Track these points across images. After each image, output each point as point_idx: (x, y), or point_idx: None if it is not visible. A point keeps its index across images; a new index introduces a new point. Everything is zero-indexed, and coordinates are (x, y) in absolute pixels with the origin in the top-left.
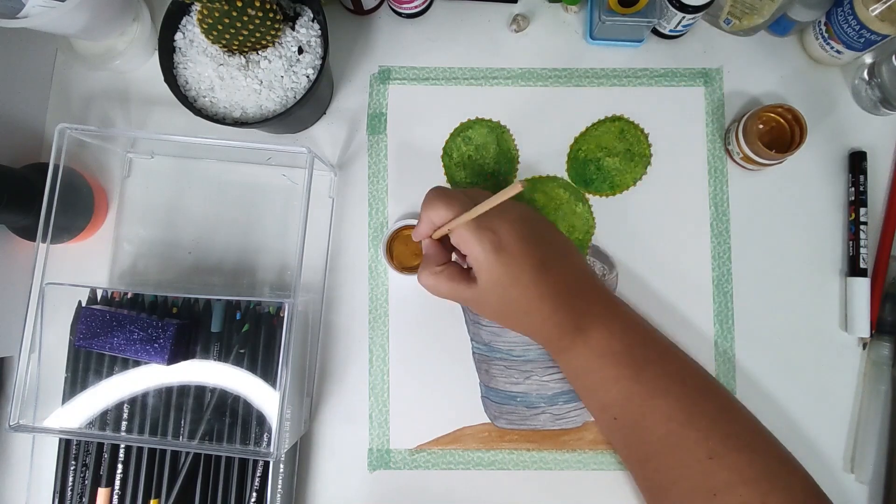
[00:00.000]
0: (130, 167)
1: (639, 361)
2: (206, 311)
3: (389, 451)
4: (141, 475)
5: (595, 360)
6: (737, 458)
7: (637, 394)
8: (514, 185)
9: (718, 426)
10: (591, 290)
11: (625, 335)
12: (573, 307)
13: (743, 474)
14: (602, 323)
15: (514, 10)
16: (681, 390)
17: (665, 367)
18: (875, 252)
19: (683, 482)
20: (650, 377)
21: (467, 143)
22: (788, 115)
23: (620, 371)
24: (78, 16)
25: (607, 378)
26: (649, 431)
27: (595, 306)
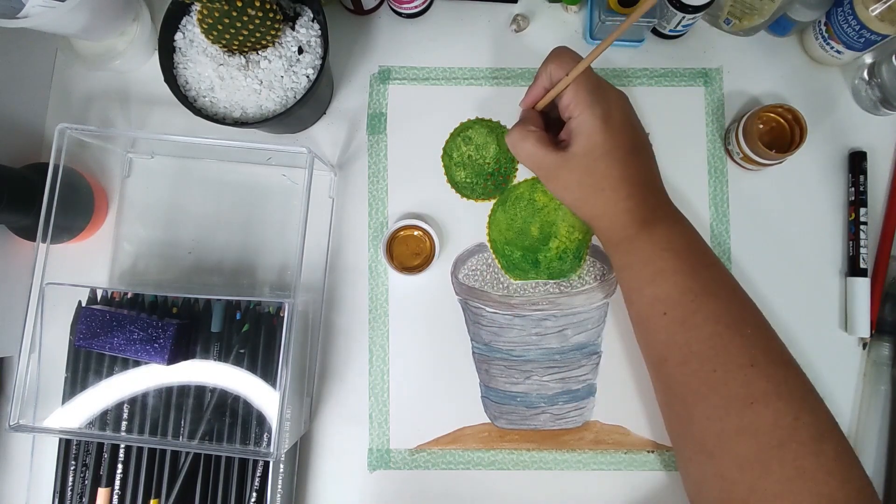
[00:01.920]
0: (130, 167)
1: (697, 262)
2: (206, 311)
3: (389, 451)
4: (141, 475)
5: (658, 251)
6: (776, 371)
7: (691, 290)
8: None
9: (761, 337)
10: (661, 192)
11: (687, 235)
12: (646, 199)
13: (780, 388)
14: (669, 221)
15: (514, 10)
16: (731, 296)
17: (719, 273)
18: (875, 252)
19: (723, 388)
20: (705, 277)
21: (467, 143)
22: (788, 115)
23: (680, 265)
24: (78, 16)
25: (665, 270)
26: (697, 329)
27: (664, 206)
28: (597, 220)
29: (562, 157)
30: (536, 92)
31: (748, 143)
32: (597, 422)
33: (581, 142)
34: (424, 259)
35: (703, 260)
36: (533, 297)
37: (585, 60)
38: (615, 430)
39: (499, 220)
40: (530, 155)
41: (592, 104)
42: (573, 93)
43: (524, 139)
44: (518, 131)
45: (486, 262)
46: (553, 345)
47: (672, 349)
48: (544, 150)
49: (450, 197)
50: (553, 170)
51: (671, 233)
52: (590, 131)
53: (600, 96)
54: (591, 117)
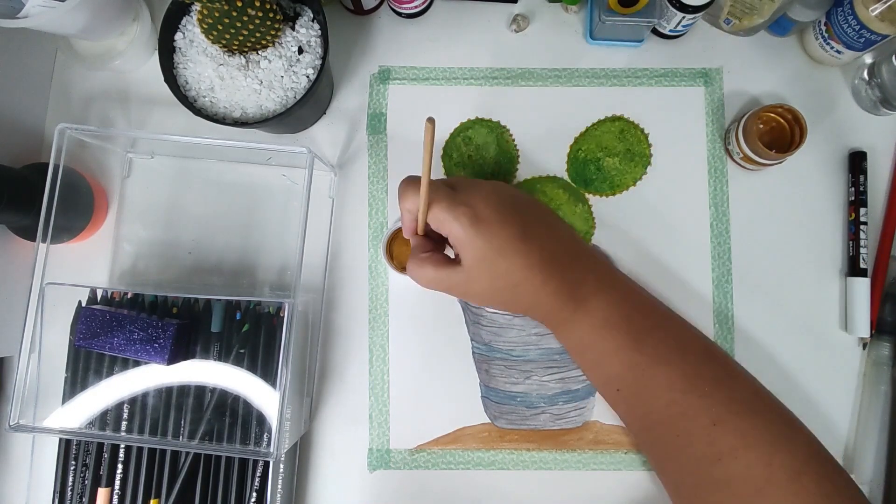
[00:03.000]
0: (130, 167)
1: (639, 331)
2: (206, 311)
3: (389, 451)
4: (141, 475)
5: (595, 332)
6: (740, 422)
7: (638, 364)
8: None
9: (721, 392)
10: (582, 259)
11: (623, 304)
12: (565, 276)
13: (747, 438)
14: (598, 293)
15: (514, 10)
16: (682, 357)
17: (665, 335)
18: (875, 252)
19: (688, 449)
20: (651, 346)
21: (467, 143)
22: (788, 115)
23: (621, 342)
24: (78, 16)
25: (608, 350)
26: (652, 401)
27: (589, 275)
28: (528, 312)
29: (461, 273)
30: (408, 225)
31: (748, 143)
32: (597, 422)
33: (466, 254)
34: None
35: (647, 324)
36: None
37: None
38: (615, 430)
39: None
40: (433, 280)
41: (456, 216)
42: (434, 214)
43: (421, 267)
44: (412, 263)
45: None
46: (553, 345)
47: (633, 419)
48: (445, 272)
49: None
50: (462, 286)
51: (606, 306)
52: (468, 242)
53: (459, 203)
54: (461, 227)
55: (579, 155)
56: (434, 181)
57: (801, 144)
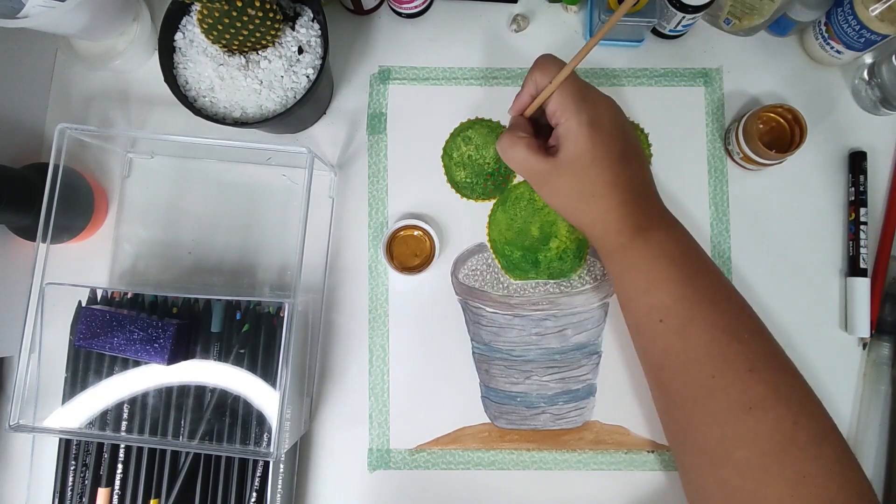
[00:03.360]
0: (130, 167)
1: (693, 269)
2: (206, 311)
3: (389, 451)
4: (141, 475)
5: (653, 259)
6: (774, 375)
7: (688, 297)
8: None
9: (759, 342)
10: (655, 198)
11: (681, 242)
12: (639, 205)
13: (779, 392)
14: (663, 227)
15: (514, 10)
16: (726, 301)
17: (715, 280)
18: (875, 252)
19: (720, 393)
20: (701, 284)
21: (467, 143)
22: (788, 115)
23: (675, 273)
24: (78, 16)
25: (661, 278)
26: (695, 337)
27: (657, 212)
28: (590, 227)
29: (552, 164)
30: (524, 99)
31: (748, 143)
32: (597, 422)
33: (569, 148)
34: (424, 259)
35: (699, 266)
36: (533, 297)
37: (568, 66)
38: (615, 430)
39: (499, 220)
40: (521, 161)
41: (578, 110)
42: (559, 99)
43: (514, 146)
44: (507, 138)
45: (486, 262)
46: (553, 345)
47: (670, 357)
48: (535, 157)
49: (450, 197)
50: (544, 176)
51: (666, 239)
52: (577, 137)
53: (587, 102)
54: (578, 123)
55: None
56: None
57: (801, 144)
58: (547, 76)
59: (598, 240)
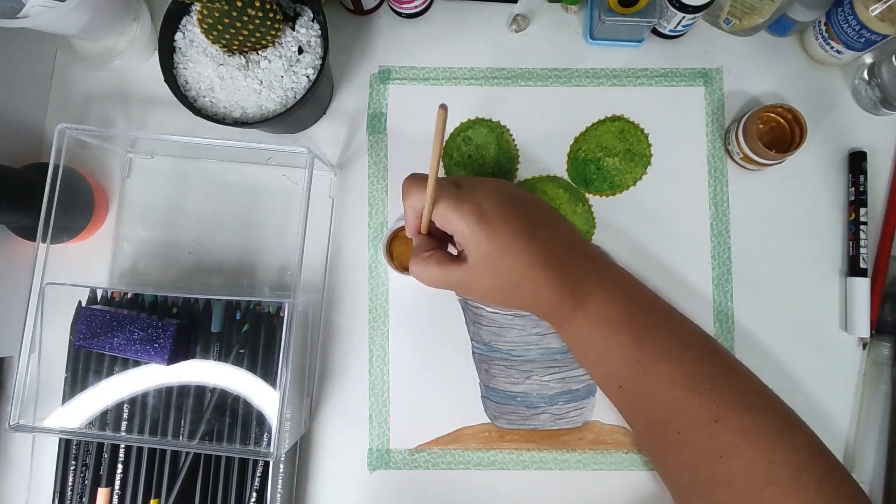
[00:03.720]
0: (130, 167)
1: (640, 328)
2: (206, 311)
3: (389, 451)
4: (141, 475)
5: (597, 329)
6: (741, 419)
7: (640, 361)
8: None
9: (722, 388)
10: (584, 257)
11: (624, 302)
12: (567, 275)
13: (748, 436)
14: (600, 290)
15: (514, 10)
16: (683, 354)
17: (666, 332)
18: (875, 252)
19: (689, 447)
20: (652, 343)
21: (467, 143)
22: (788, 115)
23: (622, 339)
24: (78, 16)
25: (610, 347)
26: (654, 397)
27: (591, 273)
28: (530, 309)
29: (465, 270)
30: (412, 223)
31: (748, 143)
32: (597, 422)
33: (472, 251)
34: None
35: (648, 322)
36: None
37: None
38: (615, 430)
39: None
40: (437, 279)
41: (461, 214)
42: (438, 211)
43: (425, 267)
44: (415, 263)
45: None
46: (553, 345)
47: (634, 416)
48: (448, 269)
49: None
50: (465, 284)
51: (607, 302)
52: (473, 239)
53: (464, 201)
54: (467, 225)
55: (579, 155)
56: (439, 179)
57: (801, 144)
58: (418, 197)
59: (543, 318)
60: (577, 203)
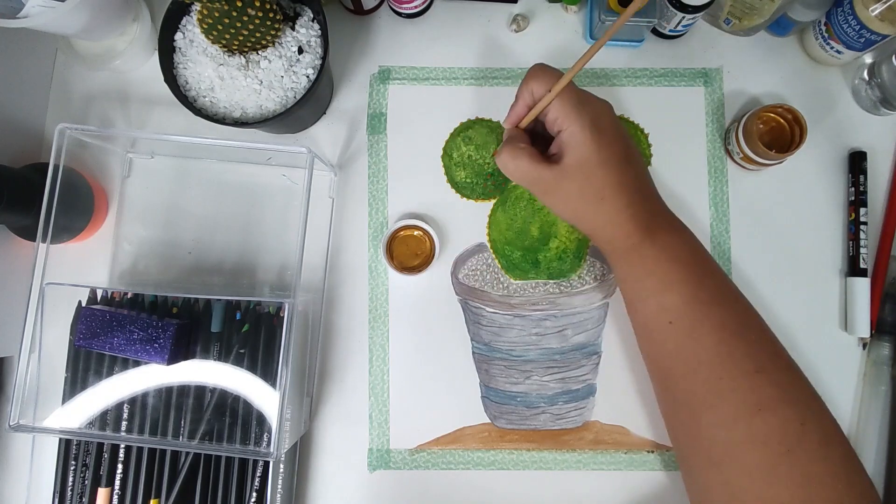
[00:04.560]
0: (130, 167)
1: (701, 270)
2: (206, 311)
3: (389, 451)
4: (141, 475)
5: (663, 261)
6: (781, 376)
7: (698, 299)
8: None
9: (765, 342)
10: (658, 199)
11: (689, 244)
12: (645, 207)
13: (787, 393)
14: (670, 228)
15: (514, 10)
16: (734, 303)
17: (721, 280)
18: (875, 252)
19: (730, 395)
20: (710, 286)
21: (467, 143)
22: (788, 115)
23: (685, 274)
24: (78, 16)
25: (671, 280)
26: (704, 338)
27: (664, 213)
28: (600, 230)
29: (557, 170)
30: (519, 110)
31: (748, 143)
32: (597, 422)
33: (574, 153)
34: (424, 259)
35: (707, 268)
36: (533, 297)
37: (568, 74)
38: (615, 430)
39: (499, 220)
40: (525, 173)
41: (581, 115)
42: (559, 106)
43: (516, 157)
44: (508, 150)
45: (486, 262)
46: (553, 345)
47: (679, 359)
48: (539, 166)
49: (450, 197)
50: (551, 184)
51: (674, 241)
52: (581, 141)
53: (587, 106)
54: (581, 128)
55: None
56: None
57: (801, 144)
58: (544, 85)
59: (607, 243)
60: None
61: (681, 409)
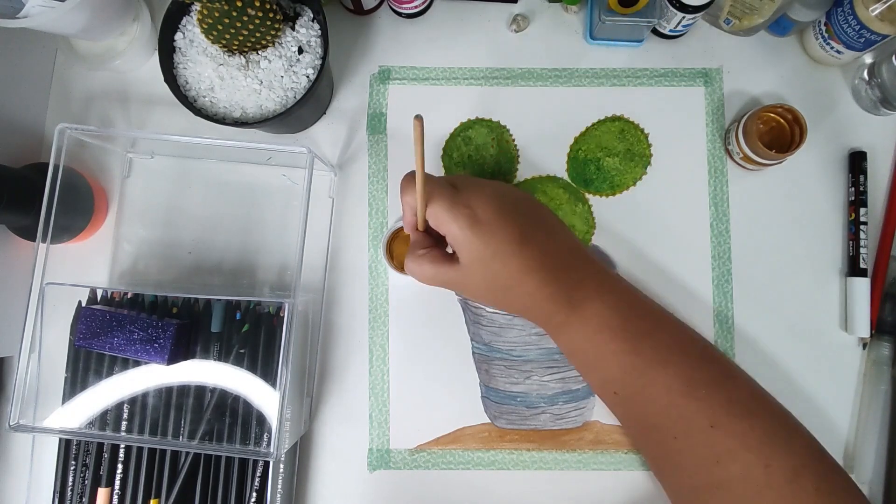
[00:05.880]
0: (130, 167)
1: (636, 334)
2: (206, 311)
3: (389, 451)
4: (141, 475)
5: (592, 336)
6: (738, 425)
7: (636, 367)
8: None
9: (718, 394)
10: (580, 263)
11: (620, 307)
12: (562, 281)
13: (745, 441)
14: (596, 296)
15: (514, 10)
16: (680, 360)
17: (663, 338)
18: (875, 252)
19: (687, 452)
20: (648, 349)
21: (467, 143)
22: (788, 115)
23: (618, 345)
24: (78, 16)
25: (605, 353)
26: (650, 403)
27: (588, 280)
28: (524, 314)
29: (457, 271)
30: (409, 220)
31: (748, 143)
32: (597, 422)
33: (463, 254)
34: None
35: (645, 327)
36: None
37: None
38: (615, 430)
39: None
40: (431, 277)
41: (455, 216)
42: (432, 213)
43: (419, 264)
44: (410, 260)
45: None
46: (553, 345)
47: (631, 422)
48: (441, 268)
49: None
50: (458, 283)
51: (603, 308)
52: (465, 242)
53: (459, 204)
54: (459, 228)
55: (579, 155)
56: (436, 178)
57: (801, 144)
58: (413, 195)
59: (538, 323)
60: (576, 203)
61: (648, 460)
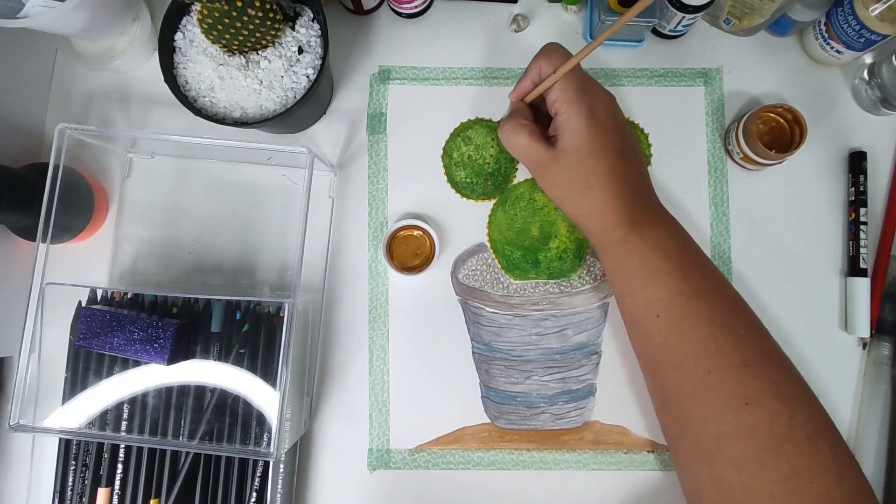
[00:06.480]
0: (130, 167)
1: (688, 262)
2: (206, 311)
3: (389, 451)
4: (141, 475)
5: (649, 253)
6: (770, 370)
7: (684, 292)
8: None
9: (754, 337)
10: (651, 194)
11: (677, 236)
12: (635, 200)
13: (775, 387)
14: (658, 222)
15: (514, 10)
16: (722, 296)
17: (710, 274)
18: (875, 252)
19: (718, 389)
20: (698, 279)
21: (467, 143)
22: (788, 115)
23: (672, 267)
24: (78, 16)
25: (658, 273)
26: (691, 332)
27: (651, 209)
28: (586, 219)
29: (551, 153)
30: (525, 85)
31: (748, 143)
32: (597, 422)
33: (567, 139)
34: (424, 259)
35: (695, 261)
36: (533, 297)
37: (574, 58)
38: (615, 430)
39: (499, 220)
40: (522, 149)
41: (579, 102)
42: (560, 90)
43: (517, 132)
44: (509, 124)
45: (486, 262)
46: (553, 345)
47: (666, 352)
48: (536, 145)
49: (450, 197)
50: (543, 165)
51: (661, 234)
52: (575, 129)
53: (587, 95)
54: (577, 115)
55: None
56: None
57: (801, 144)
58: (551, 65)
59: (593, 233)
60: None
61: (671, 403)
